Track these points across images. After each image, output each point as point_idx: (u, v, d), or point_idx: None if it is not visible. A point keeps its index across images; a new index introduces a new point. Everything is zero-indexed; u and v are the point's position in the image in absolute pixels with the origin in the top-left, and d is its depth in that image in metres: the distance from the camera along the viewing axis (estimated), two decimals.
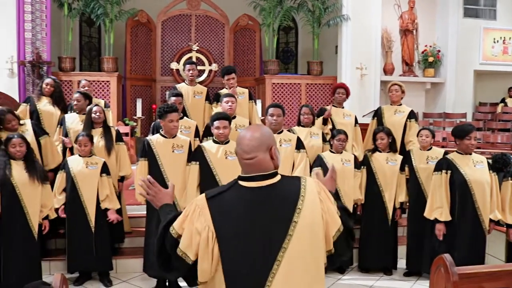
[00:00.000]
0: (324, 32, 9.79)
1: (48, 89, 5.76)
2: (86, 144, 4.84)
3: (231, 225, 1.91)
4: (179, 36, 10.35)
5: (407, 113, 5.98)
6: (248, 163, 1.98)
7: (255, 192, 1.95)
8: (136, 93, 9.88)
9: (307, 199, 1.94)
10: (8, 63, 8.09)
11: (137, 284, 4.99)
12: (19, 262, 4.38)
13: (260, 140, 1.99)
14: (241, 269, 1.88)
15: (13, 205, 4.36)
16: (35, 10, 8.20)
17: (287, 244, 1.88)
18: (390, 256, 5.33)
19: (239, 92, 5.99)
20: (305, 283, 1.91)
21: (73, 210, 4.82)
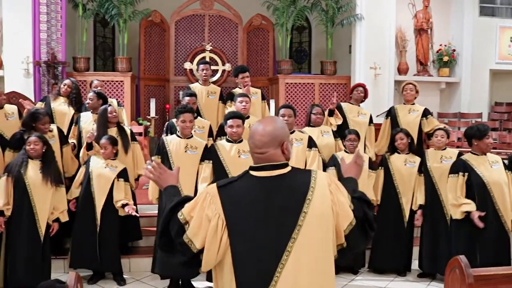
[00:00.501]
0: (337, 31, 9.74)
1: (65, 89, 5.82)
2: (106, 147, 4.88)
3: (241, 214, 1.92)
4: (192, 36, 10.37)
5: (421, 112, 5.95)
6: (259, 156, 2.00)
7: (265, 182, 1.96)
8: (149, 93, 9.92)
9: (317, 190, 1.94)
10: (24, 64, 8.17)
11: (151, 283, 5.01)
12: (23, 261, 4.40)
13: (273, 135, 2.01)
14: (250, 259, 1.88)
15: (23, 203, 4.41)
16: (50, 11, 8.27)
17: (297, 235, 1.88)
18: (404, 257, 5.28)
19: (252, 92, 6.00)
20: (314, 274, 1.90)
21: (83, 206, 4.87)
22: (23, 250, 4.40)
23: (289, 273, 1.86)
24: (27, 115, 5.04)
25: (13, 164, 4.45)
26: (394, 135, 5.32)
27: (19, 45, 8.22)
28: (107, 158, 4.92)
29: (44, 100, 5.89)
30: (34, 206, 4.42)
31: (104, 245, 4.83)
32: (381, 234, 5.27)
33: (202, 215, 1.94)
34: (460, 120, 9.88)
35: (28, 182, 4.40)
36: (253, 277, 1.88)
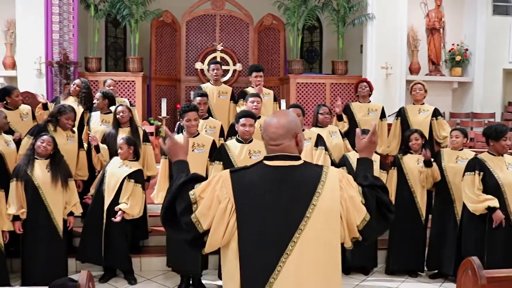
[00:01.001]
0: (349, 31, 9.71)
1: (74, 88, 5.88)
2: (121, 147, 4.90)
3: (250, 200, 1.94)
4: (203, 36, 10.39)
5: (431, 112, 5.92)
6: (274, 148, 2.04)
7: (278, 171, 1.99)
8: (161, 93, 9.95)
9: (327, 184, 1.96)
10: (37, 64, 8.25)
11: (161, 282, 5.03)
12: (43, 260, 4.46)
13: (287, 127, 2.04)
14: (256, 245, 1.90)
15: (37, 204, 4.47)
16: (62, 11, 8.34)
17: (304, 226, 1.90)
18: (420, 258, 5.23)
19: (264, 92, 6.00)
20: (318, 267, 1.92)
21: (94, 203, 4.92)
22: (42, 248, 4.47)
23: (293, 263, 1.88)
24: (55, 108, 5.18)
25: (20, 166, 4.49)
26: (409, 135, 5.26)
27: (32, 46, 8.30)
28: (124, 159, 4.92)
29: (55, 101, 5.94)
30: (47, 205, 4.49)
31: (111, 243, 4.85)
32: (397, 235, 5.23)
33: (213, 197, 1.96)
34: (473, 120, 9.80)
35: (37, 182, 4.45)
36: (257, 264, 1.89)
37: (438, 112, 6.01)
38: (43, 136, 4.53)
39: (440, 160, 5.10)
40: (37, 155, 4.52)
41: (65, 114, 5.05)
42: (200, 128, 5.07)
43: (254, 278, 1.89)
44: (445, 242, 4.98)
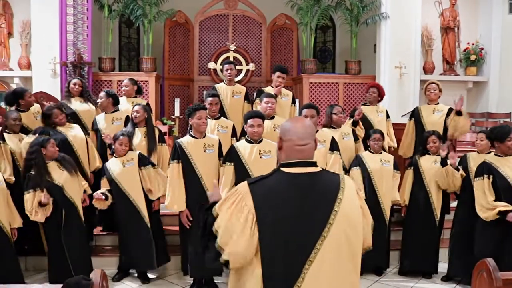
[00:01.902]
0: (362, 30, 9.65)
1: (76, 89, 5.89)
2: (127, 144, 4.91)
3: (273, 209, 1.93)
4: (216, 36, 10.39)
5: (445, 112, 5.86)
6: (301, 149, 2.03)
7: (299, 178, 1.98)
8: (174, 92, 9.98)
9: (346, 191, 1.98)
10: (51, 64, 8.30)
11: (174, 281, 5.05)
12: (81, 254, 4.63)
13: (311, 128, 2.09)
14: (278, 254, 1.89)
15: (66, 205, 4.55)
16: (77, 12, 8.39)
17: (327, 233, 1.90)
18: (434, 260, 5.18)
19: (283, 93, 5.97)
20: (340, 273, 1.92)
21: (125, 212, 4.89)
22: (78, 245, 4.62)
23: (316, 270, 1.88)
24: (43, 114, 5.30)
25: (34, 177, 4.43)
26: (427, 137, 5.21)
27: (47, 46, 8.36)
28: (121, 156, 4.92)
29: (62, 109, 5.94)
30: (74, 202, 4.59)
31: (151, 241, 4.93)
32: (411, 236, 5.19)
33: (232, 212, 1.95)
34: (488, 120, 9.69)
35: (61, 185, 4.52)
36: (281, 272, 1.89)
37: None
38: (51, 140, 4.56)
39: (466, 164, 5.02)
40: (48, 158, 4.54)
41: (52, 116, 5.12)
42: (212, 128, 5.07)
43: (279, 287, 1.89)
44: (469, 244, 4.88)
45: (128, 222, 4.90)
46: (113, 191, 4.86)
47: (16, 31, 8.89)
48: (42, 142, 4.50)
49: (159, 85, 9.63)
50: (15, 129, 5.12)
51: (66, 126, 5.19)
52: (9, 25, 8.85)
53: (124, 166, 4.87)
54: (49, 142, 4.51)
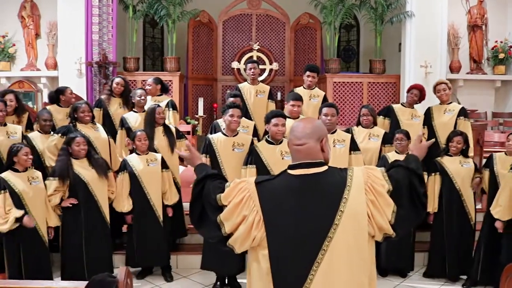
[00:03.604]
0: (387, 29, 9.55)
1: (118, 88, 5.93)
2: (145, 138, 4.95)
3: (278, 211, 1.94)
4: (240, 35, 10.41)
5: (457, 111, 5.70)
6: (298, 149, 2.02)
7: (302, 180, 1.97)
8: (197, 92, 10.02)
9: (353, 189, 1.94)
10: (77, 64, 8.42)
11: (197, 280, 5.06)
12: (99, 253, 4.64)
13: (313, 128, 2.05)
14: (286, 256, 1.90)
15: (88, 201, 4.60)
16: (102, 13, 8.49)
17: (333, 234, 1.89)
18: (467, 263, 5.01)
19: (314, 94, 5.94)
20: (349, 273, 1.90)
21: (140, 208, 4.94)
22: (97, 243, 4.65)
23: (324, 271, 1.87)
24: (71, 108, 5.33)
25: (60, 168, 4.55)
26: (452, 137, 5.09)
27: (73, 47, 8.48)
28: (143, 153, 4.97)
29: (100, 105, 5.99)
30: (97, 201, 4.65)
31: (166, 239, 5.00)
32: (443, 239, 5.06)
33: (238, 204, 1.99)
34: None
35: (87, 182, 4.58)
36: (289, 275, 1.90)
37: (464, 111, 5.77)
38: (76, 139, 4.60)
39: (492, 165, 4.90)
40: (75, 156, 4.61)
41: (79, 110, 5.18)
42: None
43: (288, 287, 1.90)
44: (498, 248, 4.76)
45: (142, 219, 4.95)
46: (132, 186, 4.93)
47: (43, 32, 9.05)
48: (68, 141, 4.62)
49: (183, 85, 9.69)
50: (45, 129, 5.24)
51: (89, 125, 5.23)
52: (37, 27, 9.01)
53: (148, 165, 4.93)
54: (74, 141, 4.58)
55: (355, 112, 9.11)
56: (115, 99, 5.92)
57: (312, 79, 5.92)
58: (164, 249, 5.00)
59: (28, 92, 8.77)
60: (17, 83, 8.64)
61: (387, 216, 1.96)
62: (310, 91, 5.95)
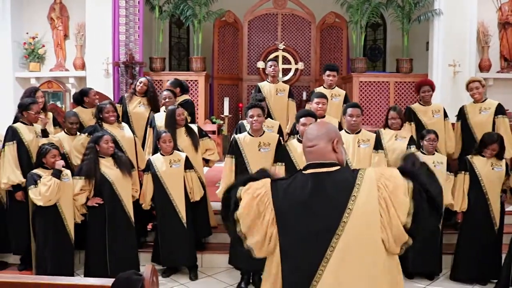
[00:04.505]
0: (414, 28, 9.41)
1: (141, 87, 5.97)
2: (170, 140, 4.98)
3: (288, 209, 1.99)
4: (265, 35, 10.40)
5: (493, 109, 5.52)
6: (309, 150, 2.11)
7: (312, 179, 2.02)
8: (223, 92, 10.06)
9: (363, 187, 1.96)
10: (104, 64, 8.54)
11: (222, 279, 5.06)
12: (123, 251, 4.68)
13: (325, 130, 2.14)
14: (296, 253, 1.96)
15: (113, 200, 4.65)
16: (129, 13, 8.57)
17: (341, 231, 1.91)
18: (493, 267, 4.89)
19: (334, 93, 5.90)
20: (360, 270, 1.91)
21: (163, 209, 4.98)
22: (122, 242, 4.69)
23: (333, 268, 1.90)
24: (96, 109, 5.37)
25: (87, 167, 4.62)
26: (488, 143, 4.89)
27: (100, 47, 8.60)
28: (168, 154, 4.99)
29: (121, 102, 6.09)
30: (121, 200, 4.68)
31: (190, 240, 5.01)
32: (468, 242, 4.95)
33: (252, 202, 2.03)
34: None
35: (112, 181, 4.63)
36: (298, 271, 1.95)
37: (502, 109, 5.57)
38: (104, 137, 4.66)
39: None
40: (103, 154, 4.67)
41: (104, 109, 5.22)
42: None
43: (297, 283, 1.95)
44: None
45: (165, 220, 4.98)
46: (155, 187, 4.96)
47: (71, 33, 9.18)
48: (96, 139, 4.66)
49: (209, 84, 9.73)
50: (72, 131, 5.31)
51: (115, 125, 5.28)
52: (65, 28, 9.15)
53: (171, 166, 4.95)
54: (102, 138, 4.63)
55: (381, 112, 9.01)
56: (136, 98, 5.98)
57: (332, 78, 5.89)
58: (187, 249, 5.00)
59: (57, 92, 8.93)
60: (46, 83, 8.80)
61: (401, 216, 1.93)
62: (331, 91, 5.91)
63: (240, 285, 4.79)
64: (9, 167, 4.87)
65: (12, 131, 4.97)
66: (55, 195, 4.39)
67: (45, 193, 4.33)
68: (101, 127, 5.17)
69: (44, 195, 4.33)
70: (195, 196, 5.09)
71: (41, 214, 4.49)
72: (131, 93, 6.05)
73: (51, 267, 4.43)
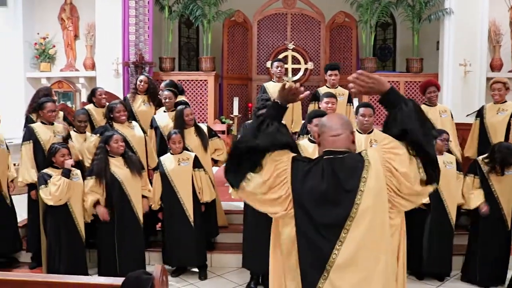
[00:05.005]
0: (424, 27, 9.36)
1: (142, 86, 6.02)
2: (180, 141, 4.98)
3: (305, 191, 2.08)
4: (275, 35, 10.39)
5: (510, 112, 5.47)
6: (335, 139, 2.18)
7: (328, 163, 2.12)
8: (232, 91, 10.06)
9: (371, 168, 2.06)
10: (114, 64, 8.58)
11: (231, 279, 5.06)
12: (131, 251, 4.69)
13: (347, 122, 2.25)
14: (312, 234, 2.04)
15: (122, 200, 4.66)
16: (138, 14, 8.61)
17: (355, 213, 2.00)
18: (504, 269, 4.87)
19: (339, 93, 5.89)
20: (373, 251, 2.00)
21: (171, 208, 4.99)
22: (130, 242, 4.69)
23: (347, 249, 1.99)
24: (106, 109, 5.41)
25: (97, 167, 4.62)
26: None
27: (110, 47, 8.65)
28: (177, 153, 5.00)
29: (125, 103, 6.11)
30: (130, 200, 4.69)
31: (198, 239, 4.99)
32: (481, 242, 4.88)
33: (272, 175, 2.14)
34: None
35: (121, 180, 4.64)
36: (313, 252, 2.03)
37: None
38: (114, 136, 4.67)
39: None
40: (113, 154, 4.68)
41: (115, 109, 5.25)
42: None
43: (311, 266, 2.03)
44: None
45: (172, 219, 4.98)
46: (163, 186, 4.98)
47: (82, 34, 9.24)
48: (106, 139, 4.68)
49: (218, 84, 9.74)
50: (81, 129, 5.33)
51: (125, 124, 5.31)
52: (76, 28, 9.21)
53: (179, 164, 4.95)
54: (112, 138, 4.65)
55: None
56: (139, 96, 6.02)
57: (335, 77, 5.90)
58: (194, 249, 4.97)
59: (67, 92, 8.98)
60: (57, 83, 8.86)
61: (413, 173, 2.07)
62: (335, 90, 5.90)
63: (249, 285, 4.79)
64: (25, 166, 4.97)
65: (29, 130, 5.05)
66: (65, 194, 4.41)
67: (55, 193, 4.35)
68: (112, 127, 5.19)
69: (54, 195, 4.36)
70: (204, 197, 5.06)
71: (52, 213, 4.51)
72: (133, 92, 6.09)
73: (64, 266, 4.45)
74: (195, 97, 9.17)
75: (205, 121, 8.62)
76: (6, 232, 5.08)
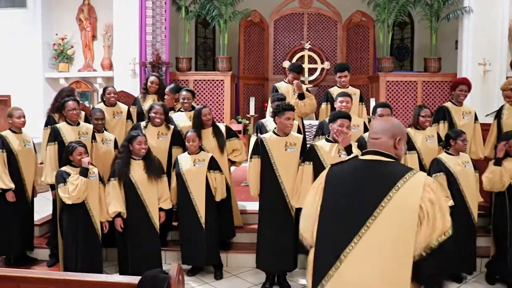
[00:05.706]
0: (442, 26, 9.25)
1: (153, 87, 6.03)
2: (194, 139, 4.98)
3: (334, 187, 2.17)
4: (291, 34, 10.38)
5: None
6: (372, 142, 2.24)
7: (365, 163, 2.17)
8: (249, 91, 10.06)
9: (410, 182, 2.02)
10: (131, 65, 8.64)
11: (247, 278, 5.06)
12: (144, 252, 4.70)
13: (389, 126, 2.25)
14: (330, 229, 2.11)
15: (136, 202, 4.68)
16: (155, 14, 8.66)
17: (378, 214, 2.00)
18: None
19: (351, 92, 5.84)
20: (381, 261, 1.97)
21: (184, 207, 5.00)
22: (143, 243, 4.71)
23: (356, 256, 2.00)
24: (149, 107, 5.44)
25: (119, 168, 4.67)
26: None
27: (127, 48, 8.72)
28: (193, 153, 5.00)
29: (135, 103, 6.13)
30: (144, 201, 4.70)
31: (210, 240, 4.97)
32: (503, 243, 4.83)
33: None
34: None
35: (135, 182, 4.66)
36: (328, 246, 2.09)
37: None
38: (138, 138, 4.69)
39: None
40: (135, 155, 4.71)
41: (153, 110, 5.27)
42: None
43: (327, 252, 2.09)
44: None
45: (184, 218, 5.00)
46: (178, 185, 4.99)
47: (99, 34, 9.34)
48: (130, 138, 4.71)
49: (234, 84, 9.75)
50: (98, 128, 5.35)
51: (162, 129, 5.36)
52: (93, 29, 9.31)
53: (194, 165, 4.95)
54: (136, 139, 4.67)
55: (408, 112, 8.88)
56: (150, 96, 6.04)
57: (345, 78, 5.85)
58: (205, 249, 4.95)
59: (85, 92, 9.08)
60: (75, 83, 8.96)
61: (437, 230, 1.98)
62: (346, 90, 5.85)
63: (264, 285, 4.78)
64: (49, 167, 5.01)
65: (54, 131, 5.08)
66: (83, 193, 4.44)
67: (72, 193, 4.39)
68: (145, 128, 5.24)
69: (71, 194, 4.39)
70: (216, 196, 5.05)
71: (69, 211, 4.53)
72: (143, 93, 6.11)
73: (81, 264, 4.49)
74: (212, 97, 9.19)
75: (222, 121, 8.63)
76: (22, 232, 5.17)
